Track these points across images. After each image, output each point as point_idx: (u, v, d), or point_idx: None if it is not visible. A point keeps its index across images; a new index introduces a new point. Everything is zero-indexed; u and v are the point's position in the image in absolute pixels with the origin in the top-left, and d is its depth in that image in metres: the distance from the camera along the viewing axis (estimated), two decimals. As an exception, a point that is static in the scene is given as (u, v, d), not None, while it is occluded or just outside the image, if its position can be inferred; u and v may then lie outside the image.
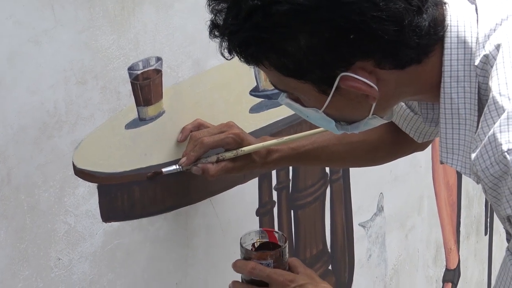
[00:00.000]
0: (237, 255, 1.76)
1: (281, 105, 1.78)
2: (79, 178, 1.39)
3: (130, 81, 1.44)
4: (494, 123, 1.11)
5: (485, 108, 1.13)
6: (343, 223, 2.12)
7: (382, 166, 2.20)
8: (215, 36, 1.20)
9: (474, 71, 1.16)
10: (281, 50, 1.15)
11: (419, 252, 2.48)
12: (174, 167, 1.53)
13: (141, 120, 1.48)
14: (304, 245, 1.99)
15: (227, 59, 1.22)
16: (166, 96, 1.52)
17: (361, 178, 2.13)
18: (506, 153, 1.08)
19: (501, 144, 1.09)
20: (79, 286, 1.41)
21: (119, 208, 1.48)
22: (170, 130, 1.55)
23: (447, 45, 1.17)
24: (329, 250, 2.08)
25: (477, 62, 1.15)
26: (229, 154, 1.55)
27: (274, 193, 1.87)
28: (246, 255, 1.49)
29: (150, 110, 1.49)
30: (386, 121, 1.29)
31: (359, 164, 1.84)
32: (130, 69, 1.44)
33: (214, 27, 1.20)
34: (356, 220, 2.15)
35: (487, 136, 1.11)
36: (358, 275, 2.21)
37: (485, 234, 2.84)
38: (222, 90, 1.64)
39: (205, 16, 1.55)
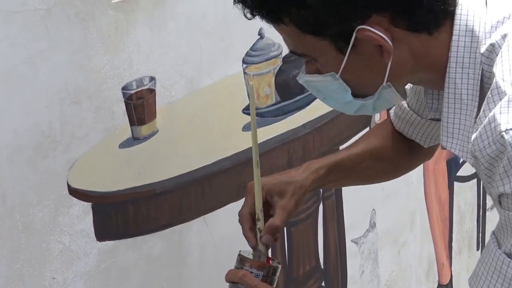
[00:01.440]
0: (231, 273, 1.77)
1: (273, 123, 1.81)
2: (73, 198, 1.40)
3: (124, 101, 1.45)
4: (495, 106, 1.13)
5: (488, 93, 1.16)
6: (336, 239, 2.13)
7: (374, 183, 2.21)
8: (239, 1, 1.21)
9: (479, 58, 1.20)
10: (301, 2, 1.17)
11: (412, 268, 2.49)
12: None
13: (135, 139, 1.49)
14: (297, 262, 2.00)
15: (248, 19, 1.22)
16: (160, 115, 1.53)
17: (353, 194, 2.14)
18: (504, 133, 1.10)
19: (499, 124, 1.11)
20: (73, 305, 1.42)
21: (114, 227, 1.49)
22: (163, 149, 1.55)
23: (455, 31, 1.20)
24: (322, 267, 2.09)
25: (483, 50, 1.19)
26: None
27: (267, 211, 1.87)
28: (240, 263, 1.48)
29: (144, 130, 1.50)
30: (400, 100, 1.31)
31: (384, 179, 1.80)
32: (124, 88, 1.45)
33: None
34: (348, 236, 2.16)
35: (487, 118, 1.14)
36: (351, 291, 2.21)
37: (477, 249, 2.85)
38: (215, 108, 1.65)
39: (198, 36, 1.57)
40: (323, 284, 2.10)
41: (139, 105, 1.48)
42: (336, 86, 1.26)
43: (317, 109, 1.94)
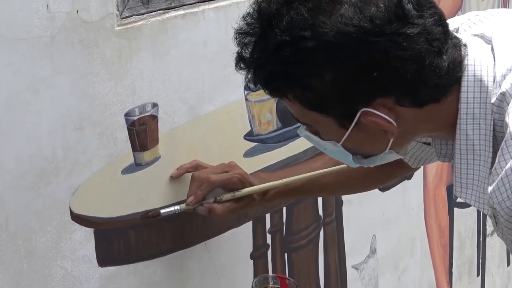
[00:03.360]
0: (232, 299, 1.77)
1: (275, 149, 1.82)
2: (75, 223, 1.41)
3: (127, 127, 1.46)
4: (511, 158, 1.13)
5: (502, 143, 1.16)
6: (337, 265, 2.13)
7: (374, 208, 2.22)
8: (241, 68, 1.23)
9: (490, 108, 1.20)
10: (306, 84, 1.17)
11: (412, 294, 2.49)
12: (173, 208, 1.53)
13: (137, 165, 1.50)
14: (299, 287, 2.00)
15: (252, 90, 1.24)
16: (162, 142, 1.54)
17: (354, 220, 2.14)
18: None
19: None
20: (75, 331, 1.42)
21: (115, 252, 1.49)
22: (166, 175, 1.56)
23: (464, 83, 1.20)
24: (323, 292, 2.09)
25: (493, 100, 1.18)
26: (227, 196, 1.56)
27: (268, 236, 1.88)
28: None
29: (146, 156, 1.51)
30: (401, 157, 1.32)
31: (351, 192, 1.86)
32: (126, 115, 1.46)
33: (240, 60, 1.22)
34: (349, 262, 2.16)
35: (504, 170, 1.14)
36: (352, 317, 2.21)
37: (477, 275, 2.85)
38: (216, 135, 1.66)
39: (201, 63, 1.59)
40: (323, 310, 2.10)
41: (142, 131, 1.49)
42: (337, 150, 1.28)
43: (318, 135, 1.95)
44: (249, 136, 1.75)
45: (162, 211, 1.52)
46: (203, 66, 1.60)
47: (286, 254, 1.94)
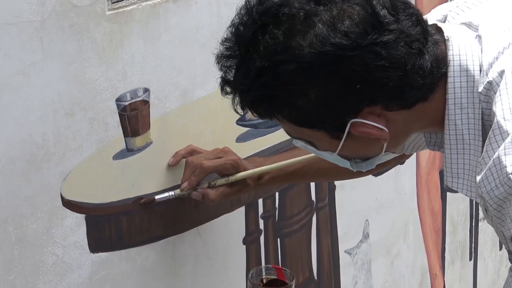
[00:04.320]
0: (224, 284, 1.77)
1: (267, 134, 1.81)
2: (67, 209, 1.40)
3: (118, 112, 1.45)
4: (499, 147, 1.13)
5: (490, 133, 1.16)
6: (329, 250, 2.13)
7: (367, 193, 2.22)
8: (227, 93, 1.23)
9: (477, 97, 1.19)
10: (292, 105, 1.18)
11: (405, 279, 2.49)
12: (167, 194, 1.53)
13: (128, 151, 1.49)
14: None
15: (240, 114, 1.26)
16: (154, 127, 1.53)
17: (346, 205, 2.14)
18: (510, 175, 1.10)
19: (505, 167, 1.11)
20: (67, 317, 1.42)
21: (107, 238, 1.48)
22: (157, 161, 1.55)
23: (450, 73, 1.19)
24: (316, 278, 2.09)
25: (480, 89, 1.18)
26: (221, 181, 1.56)
27: (261, 222, 1.87)
28: None
29: (138, 141, 1.50)
30: (398, 155, 1.32)
31: (345, 177, 1.85)
32: (118, 100, 1.45)
33: (225, 83, 1.23)
34: (342, 247, 2.16)
35: (491, 159, 1.14)
36: (344, 302, 2.21)
37: (470, 259, 2.85)
38: (208, 120, 1.66)
39: (192, 47, 1.58)
40: (316, 295, 2.10)
41: (133, 117, 1.48)
42: (334, 158, 1.28)
43: (310, 120, 1.94)
44: (241, 121, 1.74)
45: (156, 197, 1.52)
46: (195, 51, 1.59)
47: (278, 239, 1.93)
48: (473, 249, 2.87)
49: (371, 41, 1.13)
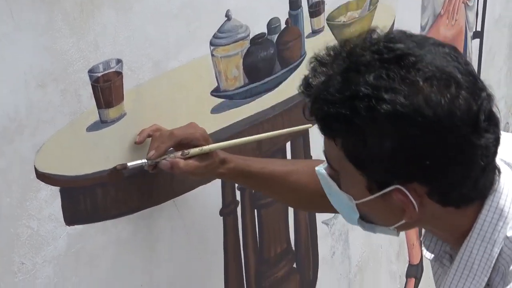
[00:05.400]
0: (202, 256, 1.77)
1: (242, 105, 1.81)
2: (41, 182, 1.39)
3: (91, 84, 1.44)
4: None
5: (504, 270, 1.24)
6: (307, 221, 2.13)
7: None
8: (303, 93, 1.24)
9: (502, 238, 1.25)
10: (363, 140, 1.18)
11: (382, 248, 2.50)
12: (140, 161, 1.52)
13: (102, 123, 1.48)
14: (268, 244, 2.00)
15: (305, 117, 1.26)
16: (128, 98, 1.52)
17: (323, 176, 2.14)
18: None
19: None
20: (43, 290, 1.41)
21: (82, 211, 1.48)
22: (132, 132, 1.54)
23: (486, 206, 1.26)
24: (293, 248, 2.10)
25: (509, 234, 1.25)
26: (195, 150, 1.55)
27: (238, 193, 1.87)
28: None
29: (112, 113, 1.49)
30: (396, 236, 1.36)
31: (309, 208, 1.89)
32: (90, 71, 1.44)
33: (307, 86, 1.24)
34: (319, 217, 2.17)
35: None
36: (323, 273, 2.22)
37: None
38: (183, 91, 1.65)
39: (165, 18, 1.56)
40: (294, 265, 2.11)
41: (106, 88, 1.47)
42: (347, 203, 1.30)
43: (285, 91, 1.94)
44: (216, 92, 1.73)
45: (129, 163, 1.51)
46: (167, 22, 1.58)
47: (256, 210, 1.94)
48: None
49: (465, 133, 1.17)
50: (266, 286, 2.00)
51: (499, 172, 1.26)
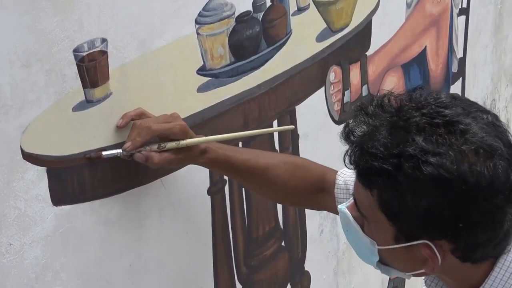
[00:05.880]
0: (189, 235, 1.77)
1: (228, 83, 1.80)
2: (27, 162, 1.38)
3: (76, 63, 1.43)
4: None
5: None
6: (295, 199, 2.13)
7: (331, 142, 2.22)
8: (346, 141, 1.28)
9: None
10: (401, 196, 1.22)
11: (370, 226, 2.51)
12: (115, 151, 1.51)
13: (88, 102, 1.47)
14: (257, 223, 2.00)
15: (346, 165, 1.30)
16: (113, 78, 1.51)
17: (311, 154, 2.14)
18: None
19: None
20: (31, 271, 1.41)
21: (70, 191, 1.47)
22: (118, 112, 1.54)
23: (499, 264, 1.30)
24: (282, 227, 2.10)
25: None
26: (171, 144, 1.55)
27: (225, 172, 1.87)
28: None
29: (97, 92, 1.49)
30: (408, 279, 1.42)
31: (287, 201, 1.90)
32: (75, 51, 1.43)
33: (349, 134, 1.28)
34: (307, 196, 2.17)
35: None
36: (311, 251, 2.23)
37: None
38: (169, 70, 1.64)
39: (149, -4, 1.55)
40: (283, 244, 2.11)
41: (92, 67, 1.46)
42: (369, 246, 1.34)
43: (271, 69, 1.94)
44: (202, 71, 1.73)
45: (104, 153, 1.50)
46: (152, 0, 1.57)
47: (243, 189, 1.94)
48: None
49: (500, 202, 1.21)
50: (255, 264, 2.01)
51: None
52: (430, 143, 1.20)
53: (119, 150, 1.51)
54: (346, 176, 1.66)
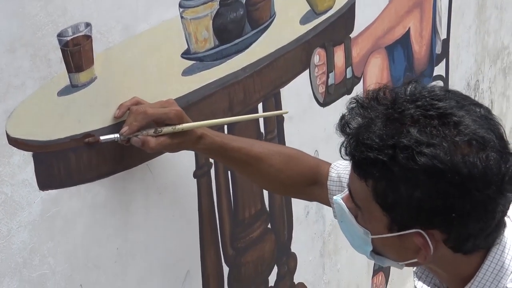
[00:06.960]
0: (176, 218, 1.78)
1: (213, 67, 1.81)
2: (13, 147, 1.38)
3: (60, 48, 1.43)
4: None
5: None
6: (280, 181, 2.14)
7: (316, 124, 2.23)
8: (342, 133, 1.29)
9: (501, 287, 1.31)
10: (395, 186, 1.24)
11: (356, 207, 2.52)
12: (112, 136, 1.53)
13: (73, 87, 1.47)
14: (243, 205, 2.01)
15: (342, 157, 1.31)
16: (98, 62, 1.51)
17: (295, 136, 2.16)
18: None
19: None
20: (19, 255, 1.41)
21: (56, 175, 1.48)
22: (103, 96, 1.54)
23: (489, 257, 1.32)
24: (268, 209, 2.11)
25: (509, 286, 1.31)
26: (167, 129, 1.56)
27: (211, 155, 1.87)
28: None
29: (82, 77, 1.49)
30: (400, 269, 1.43)
31: (279, 190, 1.91)
32: (59, 35, 1.43)
33: (345, 125, 1.29)
34: (292, 178, 2.18)
35: None
36: (297, 232, 2.24)
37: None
38: (153, 54, 1.64)
39: (133, -20, 1.55)
40: (269, 226, 2.12)
41: (76, 52, 1.46)
42: (362, 236, 1.36)
43: (256, 52, 1.94)
44: (186, 55, 1.73)
45: (101, 137, 1.51)
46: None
47: (229, 172, 1.94)
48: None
49: (491, 192, 1.23)
50: (241, 246, 2.02)
51: (505, 226, 1.33)
52: (424, 134, 1.22)
53: (117, 135, 1.53)
54: (340, 169, 1.67)
